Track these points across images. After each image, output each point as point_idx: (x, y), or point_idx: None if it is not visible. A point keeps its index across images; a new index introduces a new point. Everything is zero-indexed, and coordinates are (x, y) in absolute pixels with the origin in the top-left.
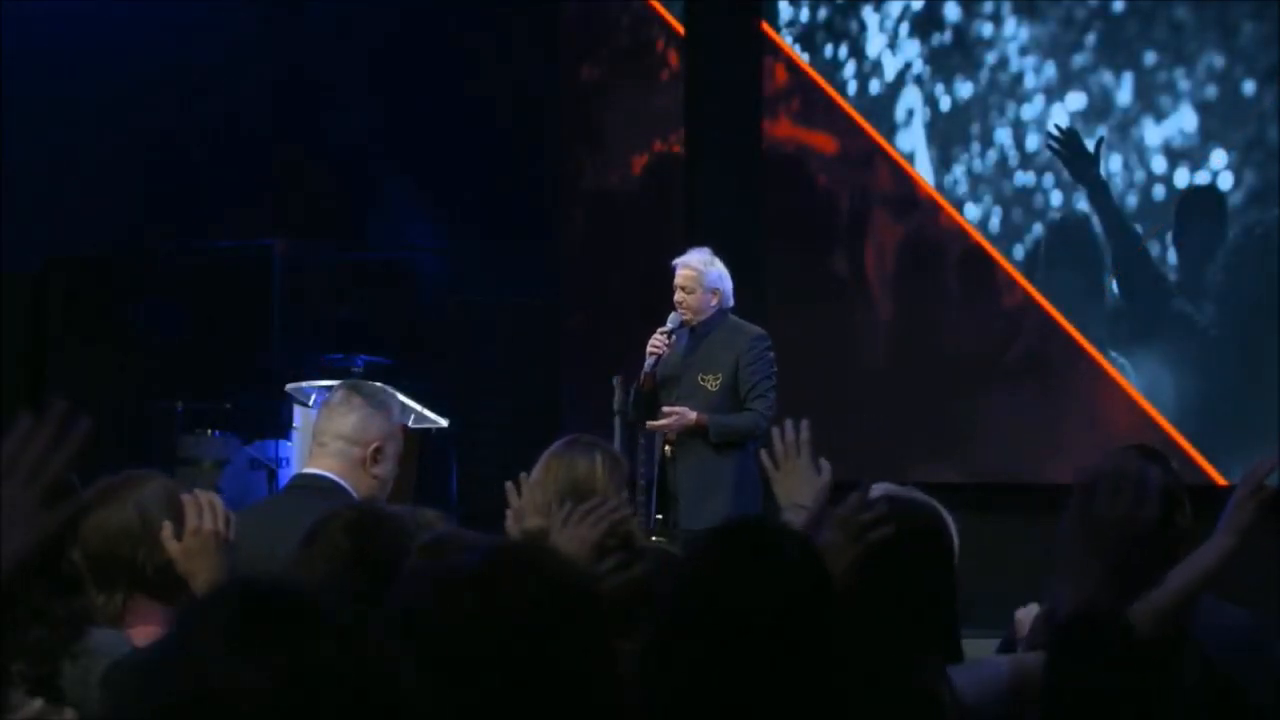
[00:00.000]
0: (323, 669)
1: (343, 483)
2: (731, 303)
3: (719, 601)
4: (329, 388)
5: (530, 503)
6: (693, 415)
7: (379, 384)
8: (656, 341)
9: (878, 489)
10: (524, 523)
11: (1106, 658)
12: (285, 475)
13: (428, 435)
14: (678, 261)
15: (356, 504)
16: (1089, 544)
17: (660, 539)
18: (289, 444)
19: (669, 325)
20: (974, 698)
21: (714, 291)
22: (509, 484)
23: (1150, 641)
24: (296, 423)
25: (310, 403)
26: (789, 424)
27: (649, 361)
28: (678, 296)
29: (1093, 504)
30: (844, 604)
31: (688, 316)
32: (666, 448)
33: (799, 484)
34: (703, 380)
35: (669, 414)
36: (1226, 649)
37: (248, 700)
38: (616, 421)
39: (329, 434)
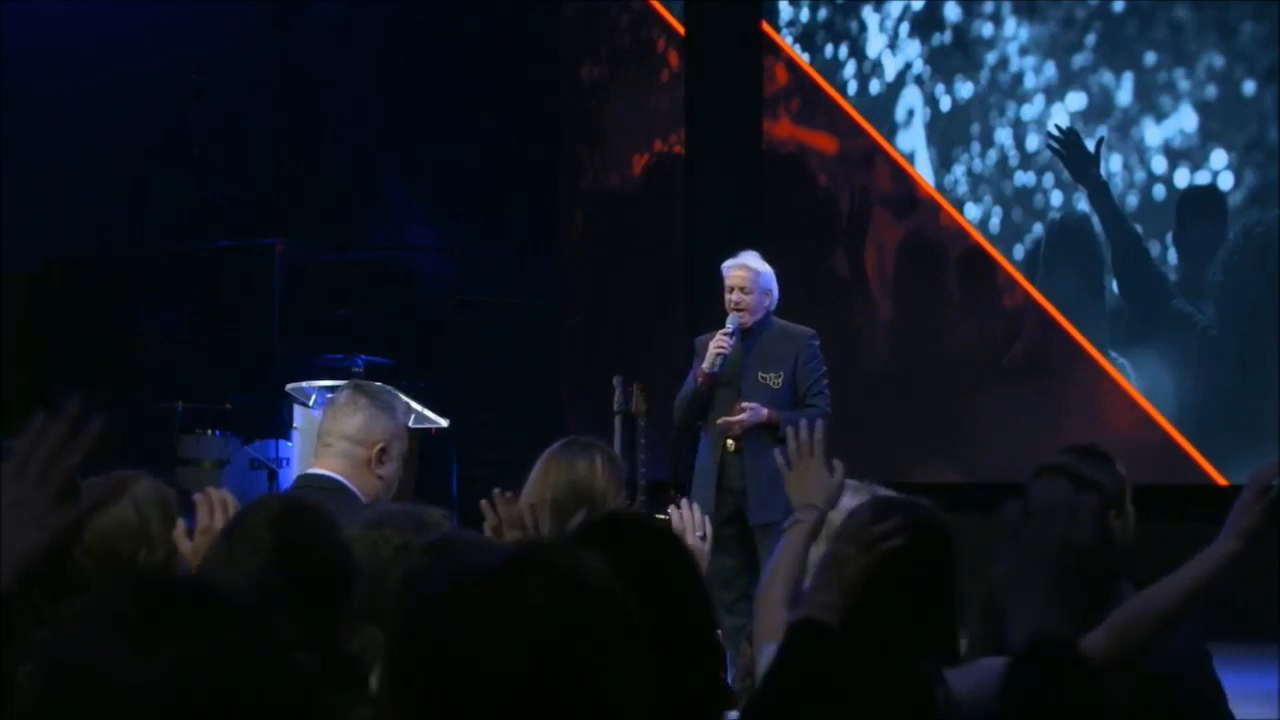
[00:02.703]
0: (219, 664)
1: (347, 483)
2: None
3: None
4: (329, 388)
5: (509, 517)
6: (764, 411)
7: (382, 385)
8: (722, 342)
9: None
10: (504, 538)
11: (1061, 688)
12: (285, 475)
13: (428, 435)
14: (730, 263)
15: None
16: (1032, 574)
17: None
18: (289, 444)
19: (729, 327)
20: (969, 699)
21: (767, 292)
22: (484, 502)
23: (1100, 667)
24: (296, 423)
25: (310, 403)
26: (804, 423)
27: (718, 361)
28: (734, 297)
29: (1027, 536)
30: (851, 614)
31: (744, 317)
32: (729, 443)
33: (812, 484)
34: (763, 379)
35: (745, 409)
36: (1170, 661)
37: (141, 695)
38: (617, 421)
39: (334, 434)
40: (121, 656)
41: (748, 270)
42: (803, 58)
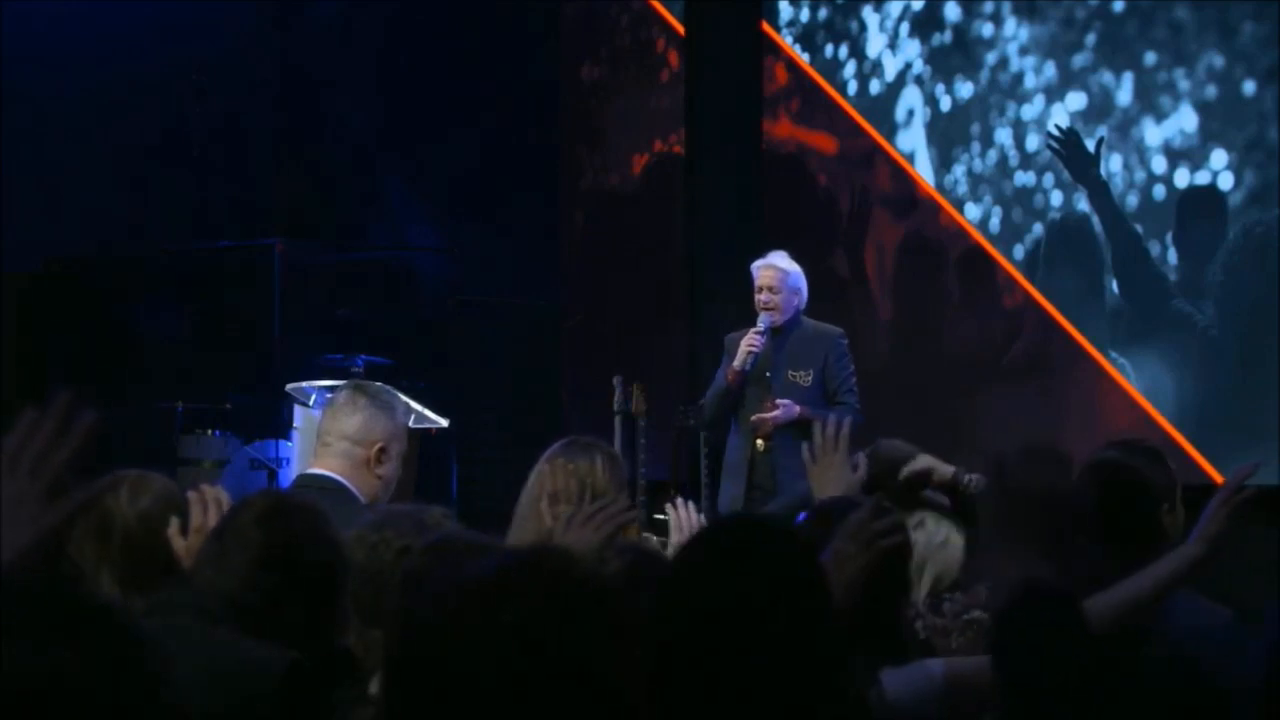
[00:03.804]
0: (69, 661)
1: (347, 483)
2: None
3: (703, 600)
4: (329, 388)
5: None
6: (797, 408)
7: (382, 385)
8: (754, 340)
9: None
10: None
11: (1057, 634)
12: (285, 475)
13: (428, 435)
14: (759, 263)
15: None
16: (1015, 526)
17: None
18: (289, 444)
19: (761, 326)
20: (905, 701)
21: (796, 291)
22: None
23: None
24: (296, 423)
25: (310, 403)
26: (831, 418)
27: (749, 360)
28: (763, 297)
29: (1009, 484)
30: (849, 612)
31: (775, 317)
32: (759, 442)
33: (834, 478)
34: (793, 377)
35: (778, 405)
36: (1207, 648)
37: None
38: (617, 421)
39: (333, 434)
40: None
41: (776, 270)
42: (803, 58)
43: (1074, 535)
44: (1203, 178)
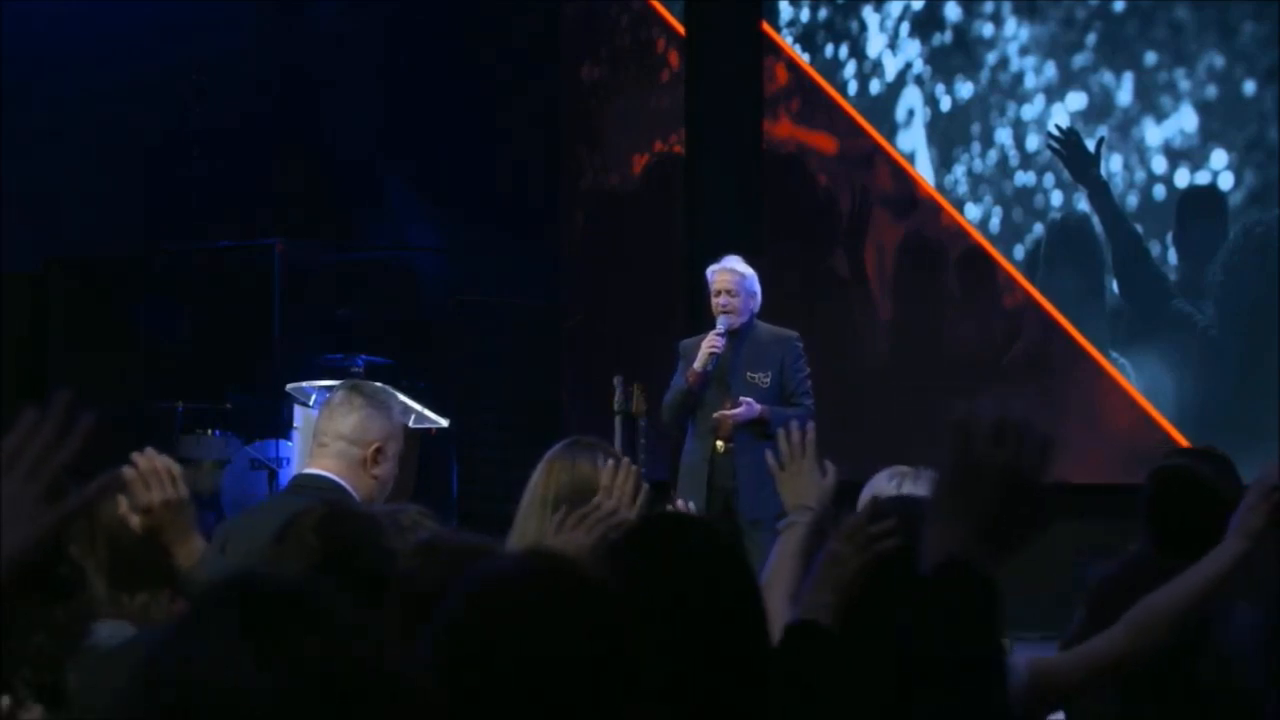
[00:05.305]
0: (329, 666)
1: (343, 483)
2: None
3: (633, 598)
4: (329, 388)
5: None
6: (758, 407)
7: (380, 384)
8: (715, 341)
9: (883, 476)
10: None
11: (971, 608)
12: (285, 475)
13: (428, 435)
14: (715, 268)
15: (327, 501)
16: (964, 494)
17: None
18: (289, 444)
19: (721, 328)
20: None
21: (752, 294)
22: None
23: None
24: (296, 423)
25: (310, 403)
26: (794, 425)
27: (711, 361)
28: (722, 300)
29: (970, 451)
30: (849, 613)
31: (733, 319)
32: (719, 443)
33: (804, 486)
34: (751, 378)
35: (740, 403)
36: (1241, 649)
37: (250, 699)
38: (617, 421)
39: (330, 434)
40: (238, 663)
41: (733, 274)
42: (803, 58)
43: (1021, 519)
44: (1203, 178)
